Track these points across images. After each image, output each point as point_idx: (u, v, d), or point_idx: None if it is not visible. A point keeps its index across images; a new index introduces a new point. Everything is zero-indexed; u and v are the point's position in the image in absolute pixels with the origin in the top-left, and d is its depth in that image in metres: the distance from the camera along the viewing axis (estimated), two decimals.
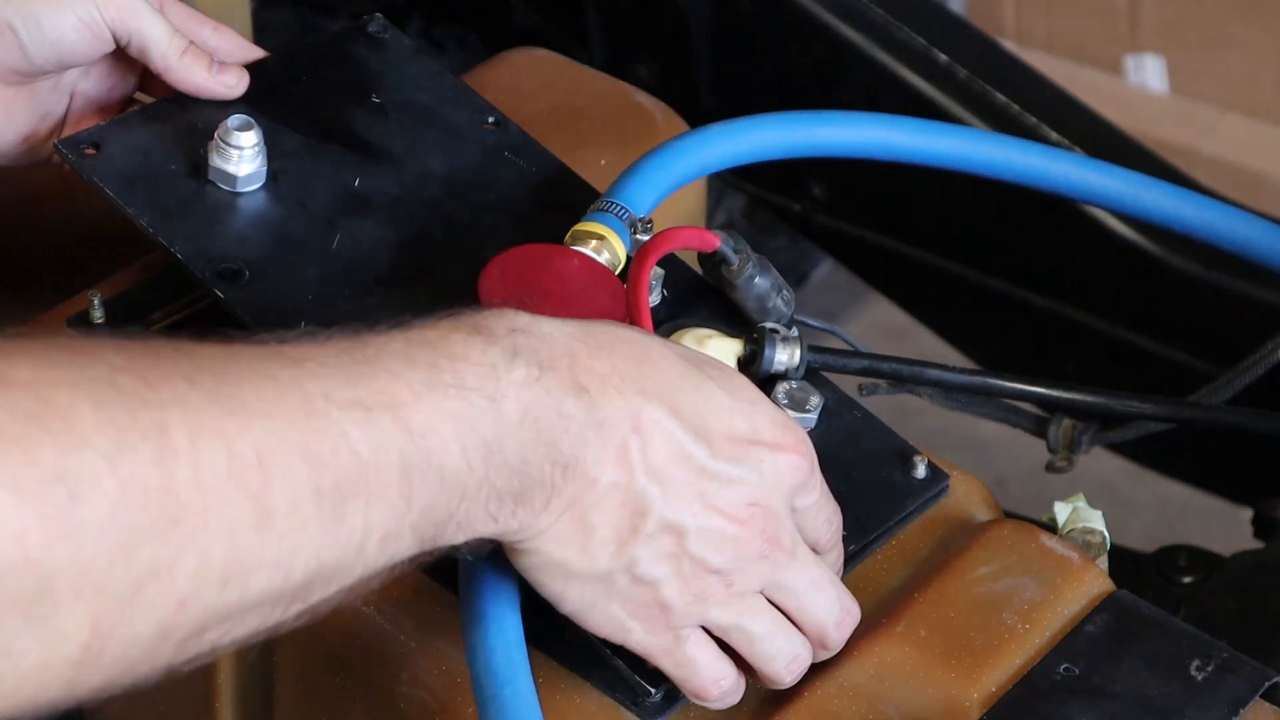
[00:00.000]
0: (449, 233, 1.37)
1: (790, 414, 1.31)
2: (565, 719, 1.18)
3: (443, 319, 1.01)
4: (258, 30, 1.83)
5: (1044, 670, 1.21)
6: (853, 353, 1.39)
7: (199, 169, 1.35)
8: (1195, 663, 1.22)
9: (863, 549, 1.28)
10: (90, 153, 1.35)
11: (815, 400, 1.32)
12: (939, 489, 1.32)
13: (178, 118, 1.38)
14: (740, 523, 1.07)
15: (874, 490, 1.30)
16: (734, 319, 1.36)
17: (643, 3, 2.18)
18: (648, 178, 1.37)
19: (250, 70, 1.43)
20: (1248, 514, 1.78)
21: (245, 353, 0.90)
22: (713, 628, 1.11)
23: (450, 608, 1.18)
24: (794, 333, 1.34)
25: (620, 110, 1.64)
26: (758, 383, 1.33)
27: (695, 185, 1.60)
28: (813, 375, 1.35)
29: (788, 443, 1.10)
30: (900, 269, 2.11)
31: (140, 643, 0.84)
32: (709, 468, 1.06)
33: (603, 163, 1.53)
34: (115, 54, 1.39)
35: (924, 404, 1.46)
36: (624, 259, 1.33)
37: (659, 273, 1.36)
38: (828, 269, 2.85)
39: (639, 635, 1.10)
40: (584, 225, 1.34)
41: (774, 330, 1.33)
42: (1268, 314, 1.84)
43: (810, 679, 1.21)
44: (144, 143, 1.36)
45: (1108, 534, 1.33)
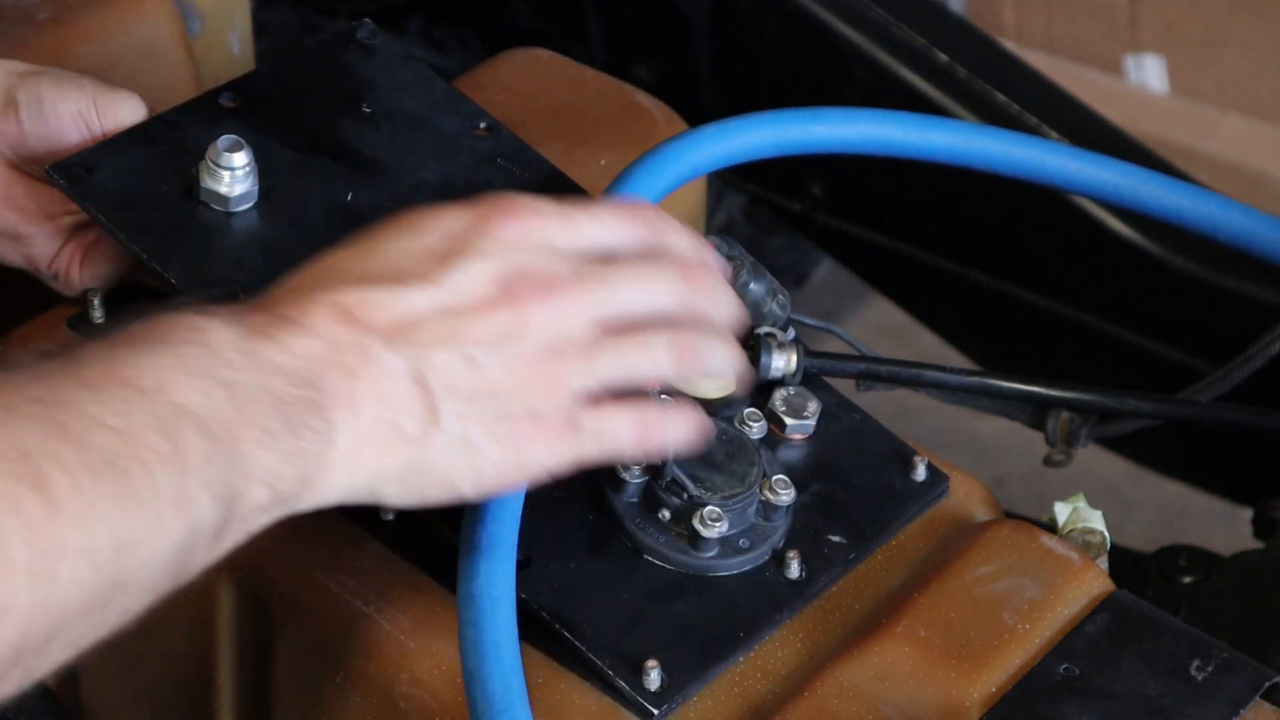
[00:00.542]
0: None
1: (789, 420, 1.31)
2: (565, 719, 1.19)
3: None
4: (258, 30, 1.82)
5: (1044, 670, 1.21)
6: (850, 356, 1.39)
7: (191, 189, 1.34)
8: (1195, 663, 1.22)
9: (863, 553, 1.28)
10: (82, 175, 1.33)
11: (813, 406, 1.32)
12: (939, 491, 1.32)
13: (168, 137, 1.37)
14: (506, 306, 1.04)
15: (874, 494, 1.30)
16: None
17: (643, 3, 2.18)
18: (641, 182, 1.37)
19: (239, 83, 1.42)
20: (1248, 514, 1.78)
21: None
22: (588, 392, 1.07)
23: (450, 607, 1.18)
24: (790, 336, 1.34)
25: (620, 110, 1.64)
26: (755, 389, 1.33)
27: (694, 185, 1.60)
28: (811, 379, 1.35)
29: (484, 212, 1.07)
30: (900, 269, 2.11)
31: None
32: (438, 297, 1.04)
33: (603, 163, 1.53)
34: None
35: (924, 404, 1.46)
36: None
37: None
38: (828, 269, 2.85)
39: (542, 455, 1.06)
40: None
41: (770, 335, 1.33)
42: (1266, 312, 1.84)
43: (810, 679, 1.21)
44: (135, 164, 1.35)
45: (1108, 534, 1.33)
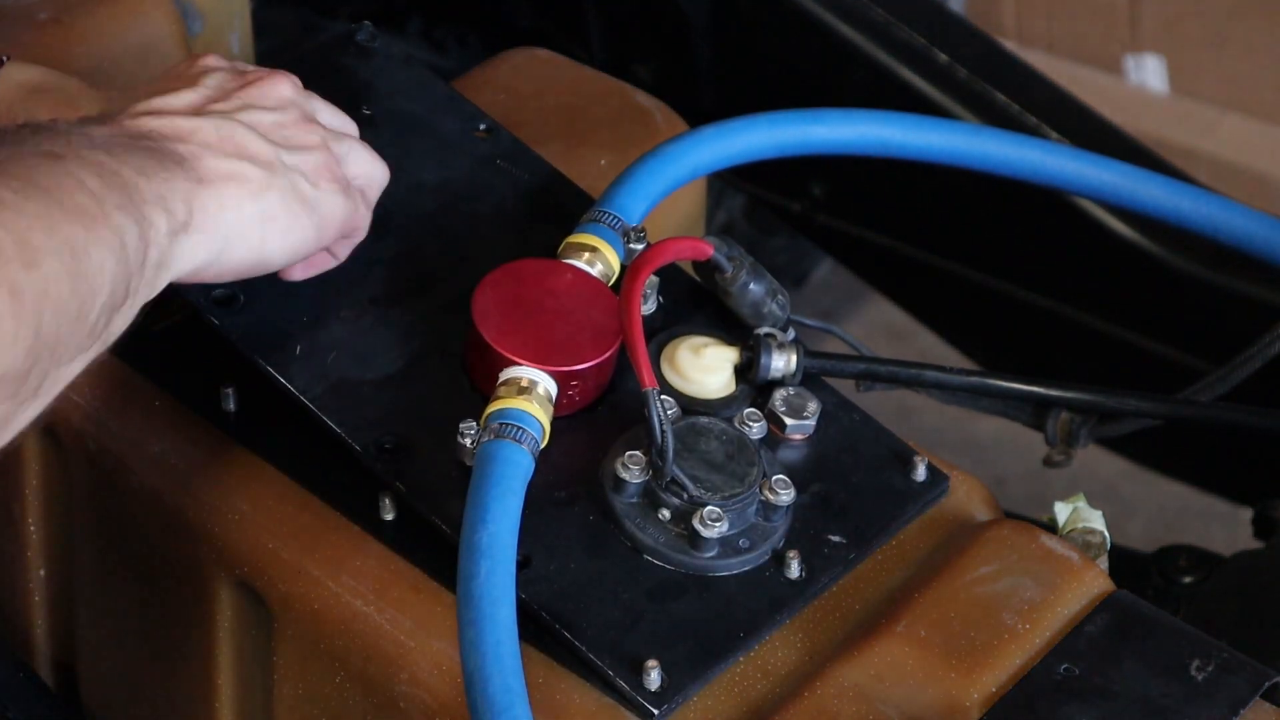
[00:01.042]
0: (443, 247, 1.37)
1: (789, 421, 1.31)
2: (565, 719, 1.19)
3: None
4: (258, 30, 1.82)
5: (1044, 670, 1.21)
6: (850, 356, 1.39)
7: None
8: (1195, 663, 1.22)
9: (863, 553, 1.28)
10: None
11: (813, 407, 1.32)
12: (939, 491, 1.32)
13: None
14: (257, 83, 1.25)
15: (874, 495, 1.30)
16: (731, 324, 1.35)
17: (643, 3, 2.18)
18: (639, 185, 1.37)
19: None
20: (1248, 514, 1.78)
21: None
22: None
23: (450, 607, 1.18)
24: (790, 337, 1.34)
25: (620, 110, 1.64)
26: (755, 389, 1.33)
27: (694, 186, 1.60)
28: (810, 380, 1.35)
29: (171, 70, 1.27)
30: (900, 269, 2.11)
31: None
32: (206, 90, 1.22)
33: (602, 163, 1.53)
34: None
35: (923, 404, 1.46)
36: (618, 270, 1.33)
37: (654, 280, 1.35)
38: (828, 269, 2.85)
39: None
40: (576, 237, 1.33)
41: (770, 336, 1.33)
42: (1266, 312, 1.84)
43: (810, 679, 1.21)
44: None
45: (1108, 534, 1.33)
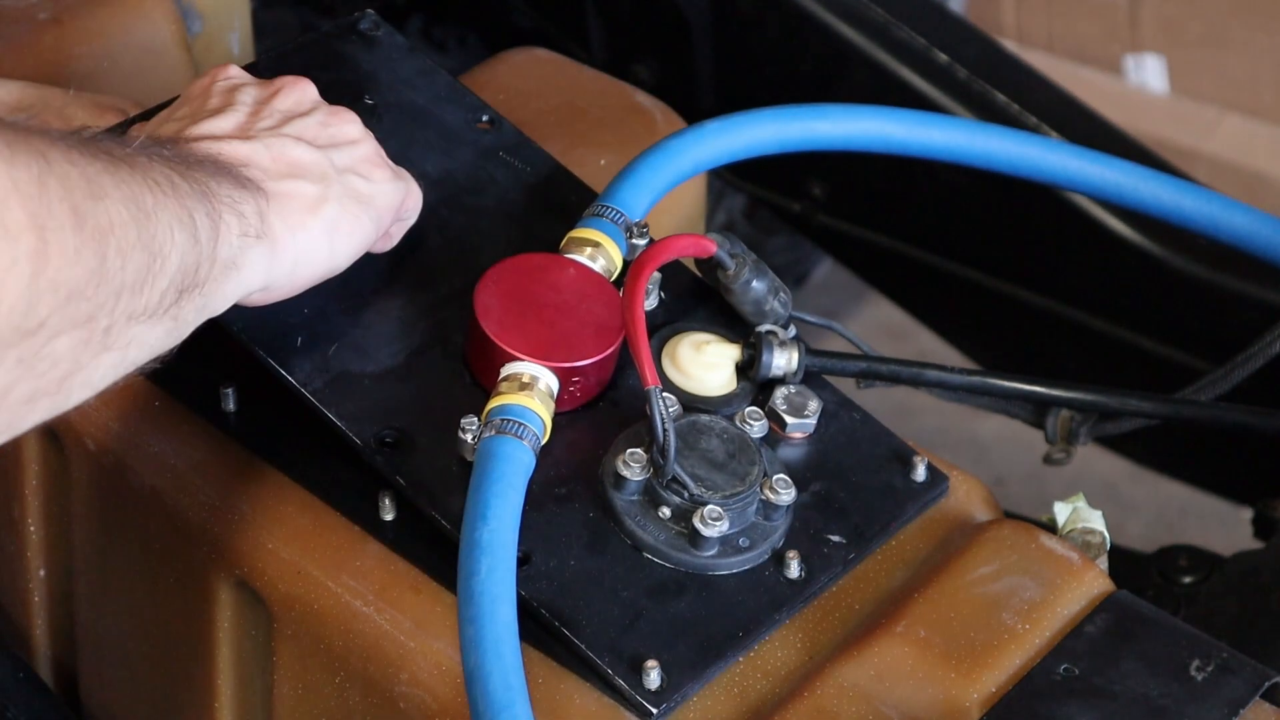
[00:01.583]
0: (445, 239, 1.36)
1: (790, 419, 1.31)
2: (565, 718, 1.19)
3: None
4: (258, 30, 1.82)
5: (1044, 670, 1.21)
6: (851, 355, 1.38)
7: None
8: (1195, 663, 1.22)
9: (863, 553, 1.28)
10: None
11: (814, 405, 1.32)
12: (938, 491, 1.32)
13: None
14: (285, 91, 1.30)
15: (873, 494, 1.30)
16: (732, 321, 1.35)
17: (643, 3, 2.18)
18: (642, 179, 1.36)
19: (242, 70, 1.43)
20: (1248, 514, 1.79)
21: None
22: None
23: (450, 608, 1.18)
24: (792, 334, 1.34)
25: (620, 110, 1.64)
26: (756, 387, 1.33)
27: (695, 186, 1.60)
28: (811, 378, 1.35)
29: (194, 90, 1.31)
30: (900, 269, 2.11)
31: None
32: (241, 110, 1.26)
33: (602, 163, 1.53)
34: None
35: (924, 404, 1.46)
36: (620, 265, 1.33)
37: (656, 276, 1.35)
38: (828, 269, 2.85)
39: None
40: (578, 232, 1.33)
41: (772, 334, 1.33)
42: (1266, 312, 1.84)
43: (810, 679, 1.21)
44: None
45: (1108, 534, 1.33)
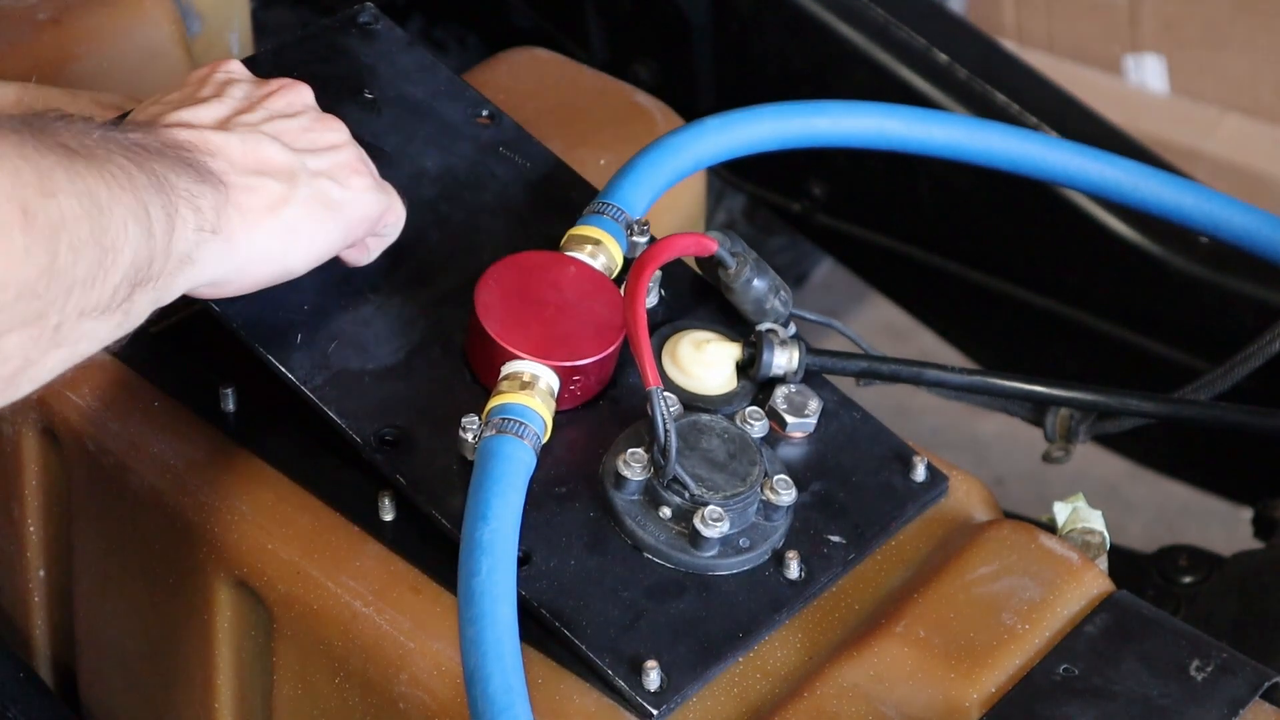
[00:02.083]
0: (445, 236, 1.36)
1: (790, 419, 1.31)
2: (565, 719, 1.19)
3: None
4: (258, 30, 1.82)
5: (1044, 670, 1.21)
6: (852, 354, 1.38)
7: None
8: (1195, 663, 1.22)
9: (863, 553, 1.28)
10: None
11: (814, 405, 1.32)
12: (938, 491, 1.32)
13: None
14: (278, 92, 1.29)
15: (873, 494, 1.30)
16: (733, 319, 1.35)
17: (643, 3, 2.18)
18: (642, 176, 1.36)
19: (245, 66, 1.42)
20: (1248, 514, 1.79)
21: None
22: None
23: (450, 609, 1.18)
24: (792, 332, 1.34)
25: (620, 110, 1.64)
26: (756, 386, 1.33)
27: (695, 185, 1.60)
28: (812, 377, 1.35)
29: (193, 78, 1.30)
30: (900, 269, 2.11)
31: None
32: (229, 103, 1.26)
33: (602, 162, 1.53)
34: None
35: (924, 403, 1.46)
36: (621, 263, 1.33)
37: (656, 274, 1.35)
38: (828, 269, 2.85)
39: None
40: (579, 230, 1.33)
41: (772, 332, 1.33)
42: (1266, 312, 1.84)
43: (810, 679, 1.21)
44: None
45: (1108, 534, 1.33)
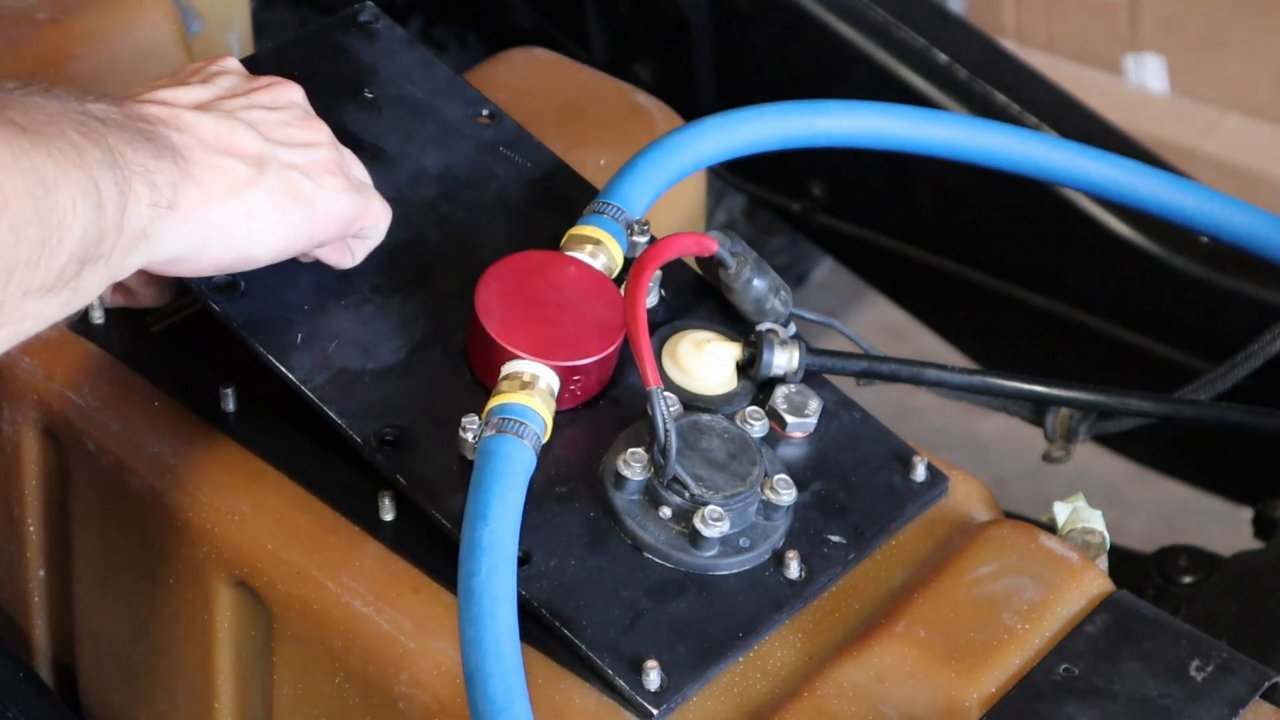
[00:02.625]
0: (445, 235, 1.36)
1: (790, 419, 1.31)
2: (565, 719, 1.19)
3: None
4: (258, 30, 1.82)
5: (1044, 670, 1.21)
6: (852, 354, 1.38)
7: None
8: (1195, 663, 1.22)
9: (863, 553, 1.28)
10: None
11: (814, 405, 1.32)
12: (938, 491, 1.32)
13: None
14: (264, 89, 1.28)
15: (873, 494, 1.30)
16: (733, 319, 1.35)
17: (643, 3, 2.18)
18: (643, 176, 1.36)
19: (244, 65, 1.42)
20: (1248, 514, 1.78)
21: None
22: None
23: (450, 608, 1.18)
24: (792, 332, 1.34)
25: (620, 110, 1.64)
26: (756, 386, 1.33)
27: (695, 185, 1.60)
28: (812, 377, 1.35)
29: (188, 67, 1.30)
30: (900, 269, 2.11)
31: None
32: (212, 89, 1.25)
33: (602, 162, 1.53)
34: None
35: (924, 403, 1.46)
36: (621, 262, 1.33)
37: (656, 274, 1.35)
38: (828, 269, 2.85)
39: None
40: (579, 229, 1.33)
41: (772, 333, 1.33)
42: (1266, 312, 1.83)
43: (810, 679, 1.21)
44: None
45: (1108, 534, 1.33)
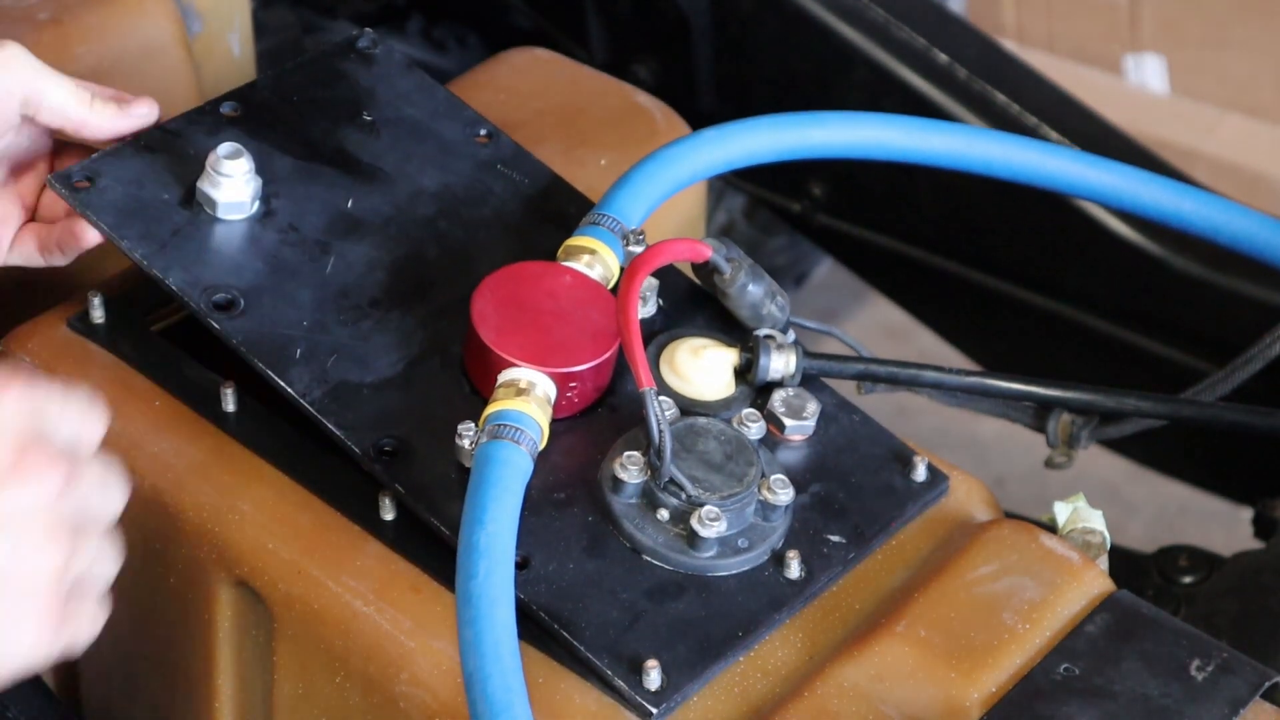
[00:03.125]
0: (443, 251, 1.37)
1: (788, 422, 1.31)
2: (565, 719, 1.19)
3: None
4: (258, 30, 1.82)
5: (1044, 670, 1.21)
6: (849, 358, 1.38)
7: (192, 197, 1.35)
8: (1195, 663, 1.22)
9: (863, 553, 1.28)
10: (84, 186, 1.33)
11: (812, 407, 1.32)
12: (938, 491, 1.33)
13: (169, 146, 1.38)
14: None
15: (873, 494, 1.30)
16: (730, 326, 1.35)
17: (643, 3, 2.18)
18: (638, 188, 1.37)
19: (240, 92, 1.43)
20: (1248, 514, 1.78)
21: None
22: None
23: (450, 607, 1.18)
24: (790, 338, 1.34)
25: (620, 110, 1.64)
26: (754, 390, 1.33)
27: (694, 188, 1.60)
28: (810, 381, 1.35)
29: None
30: (900, 269, 2.11)
31: None
32: None
33: (603, 163, 1.53)
34: (23, 124, 1.35)
35: (924, 404, 1.46)
36: (617, 272, 1.33)
37: (653, 283, 1.36)
38: (828, 269, 2.85)
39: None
40: (575, 240, 1.34)
41: (769, 338, 1.33)
42: (1266, 312, 1.84)
43: (810, 679, 1.21)
44: (137, 173, 1.36)
45: (1108, 534, 1.33)
